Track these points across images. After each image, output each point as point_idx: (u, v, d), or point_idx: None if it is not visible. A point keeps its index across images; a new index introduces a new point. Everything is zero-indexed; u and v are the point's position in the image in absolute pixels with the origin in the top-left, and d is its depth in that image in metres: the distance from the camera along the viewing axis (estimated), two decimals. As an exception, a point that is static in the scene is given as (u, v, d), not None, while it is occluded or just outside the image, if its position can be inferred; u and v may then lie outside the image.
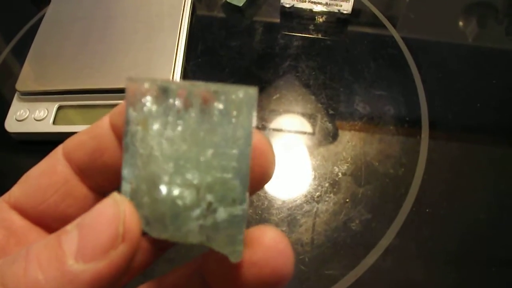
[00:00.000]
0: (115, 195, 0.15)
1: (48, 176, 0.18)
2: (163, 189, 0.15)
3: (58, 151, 0.19)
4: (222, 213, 0.15)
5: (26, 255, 0.14)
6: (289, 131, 0.46)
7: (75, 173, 0.18)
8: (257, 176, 0.17)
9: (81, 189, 0.19)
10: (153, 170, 0.15)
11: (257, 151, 0.17)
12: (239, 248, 0.15)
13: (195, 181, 0.15)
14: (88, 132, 0.18)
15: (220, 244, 0.16)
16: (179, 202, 0.15)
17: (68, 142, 0.19)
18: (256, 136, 0.17)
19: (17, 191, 0.18)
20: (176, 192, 0.15)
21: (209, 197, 0.15)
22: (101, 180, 0.19)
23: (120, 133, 0.17)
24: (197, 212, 0.15)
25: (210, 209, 0.15)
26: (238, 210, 0.15)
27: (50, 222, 0.18)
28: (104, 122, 0.18)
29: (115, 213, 0.14)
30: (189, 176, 0.15)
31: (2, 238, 0.17)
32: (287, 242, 0.16)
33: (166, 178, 0.15)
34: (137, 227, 0.15)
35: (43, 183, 0.18)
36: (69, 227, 0.15)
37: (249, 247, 0.16)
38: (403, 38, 0.53)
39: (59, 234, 0.14)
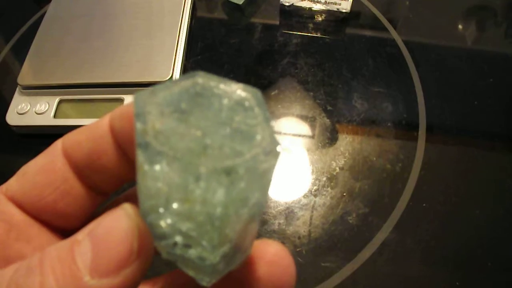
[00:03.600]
0: (126, 207, 0.15)
1: (47, 173, 0.18)
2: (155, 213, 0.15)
3: (58, 146, 0.18)
4: (193, 252, 0.14)
5: (40, 266, 0.14)
6: (287, 127, 0.46)
7: (73, 172, 0.18)
8: None
9: (79, 188, 0.18)
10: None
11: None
12: (206, 279, 0.15)
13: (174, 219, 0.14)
14: (86, 132, 0.18)
15: (189, 269, 0.15)
16: (155, 229, 0.14)
17: (67, 138, 0.18)
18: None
19: (14, 185, 0.18)
20: (155, 219, 0.14)
21: (178, 238, 0.14)
22: (99, 181, 0.18)
23: (119, 137, 0.17)
24: (163, 242, 0.15)
25: (179, 245, 0.14)
26: (210, 255, 0.14)
27: (49, 218, 0.18)
28: (103, 123, 0.17)
29: (129, 229, 0.14)
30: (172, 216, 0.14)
31: (3, 233, 0.17)
32: (290, 257, 0.16)
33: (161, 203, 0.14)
34: (151, 243, 0.14)
35: (41, 181, 0.17)
36: (80, 236, 0.14)
37: (251, 262, 0.16)
38: (401, 37, 0.54)
39: (71, 245, 0.14)
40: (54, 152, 0.18)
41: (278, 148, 0.14)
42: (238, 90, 0.15)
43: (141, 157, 0.14)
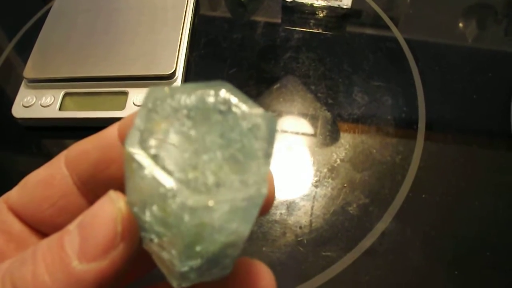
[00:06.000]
0: (111, 193, 0.15)
1: (45, 187, 0.17)
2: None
3: (61, 158, 0.18)
4: (165, 254, 0.14)
5: (33, 257, 0.14)
6: (289, 119, 0.47)
7: (76, 185, 0.17)
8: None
9: (78, 203, 0.18)
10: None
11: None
12: (175, 282, 0.15)
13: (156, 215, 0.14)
14: (93, 141, 0.17)
15: (163, 267, 0.15)
16: (138, 219, 0.15)
17: (72, 149, 0.18)
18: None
19: (15, 195, 0.18)
20: (138, 212, 0.15)
21: (153, 237, 0.14)
22: (103, 193, 0.17)
23: None
24: (143, 234, 0.15)
25: (154, 243, 0.15)
26: (178, 264, 0.14)
27: (48, 231, 0.18)
28: (112, 131, 0.17)
29: (112, 212, 0.14)
30: (154, 208, 0.14)
31: (3, 243, 0.17)
32: (272, 278, 0.17)
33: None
34: (135, 225, 0.15)
35: (39, 194, 0.17)
36: (71, 226, 0.15)
37: (232, 279, 0.16)
38: (401, 33, 0.54)
39: (62, 235, 0.15)
40: (56, 165, 0.18)
41: (264, 191, 0.13)
42: (255, 116, 0.15)
43: (131, 150, 0.14)
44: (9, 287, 0.14)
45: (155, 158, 0.13)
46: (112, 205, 0.14)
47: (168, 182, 0.13)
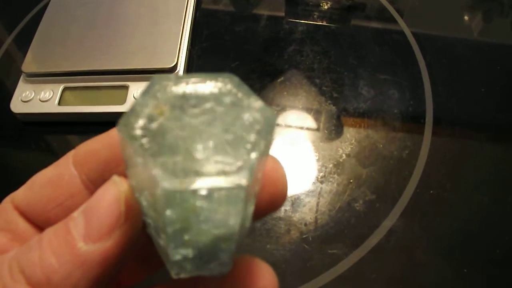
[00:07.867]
0: (114, 177, 0.15)
1: (53, 187, 0.17)
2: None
3: (69, 158, 0.18)
4: (161, 241, 0.15)
5: (39, 243, 0.15)
6: (293, 113, 0.46)
7: (84, 185, 0.17)
8: (263, 204, 0.17)
9: None
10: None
11: (269, 179, 0.17)
12: (172, 271, 0.15)
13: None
14: (102, 140, 0.17)
15: (161, 254, 0.16)
16: (140, 203, 0.15)
17: (80, 149, 0.18)
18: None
19: (21, 194, 0.18)
20: (138, 196, 0.15)
21: (150, 221, 0.15)
22: None
23: None
24: (144, 218, 0.15)
25: (152, 228, 0.15)
26: (170, 251, 0.14)
27: None
28: None
29: (116, 194, 0.15)
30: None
31: (7, 242, 0.17)
32: (274, 277, 0.17)
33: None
34: (137, 207, 0.15)
35: (46, 194, 0.17)
36: (76, 213, 0.15)
37: (232, 276, 0.16)
38: (408, 26, 0.53)
39: (67, 220, 0.15)
40: (64, 165, 0.18)
41: (243, 183, 0.13)
42: (255, 110, 0.15)
43: (125, 133, 0.14)
44: (17, 271, 0.14)
45: (148, 143, 0.13)
46: (115, 187, 0.15)
47: (156, 167, 0.13)
